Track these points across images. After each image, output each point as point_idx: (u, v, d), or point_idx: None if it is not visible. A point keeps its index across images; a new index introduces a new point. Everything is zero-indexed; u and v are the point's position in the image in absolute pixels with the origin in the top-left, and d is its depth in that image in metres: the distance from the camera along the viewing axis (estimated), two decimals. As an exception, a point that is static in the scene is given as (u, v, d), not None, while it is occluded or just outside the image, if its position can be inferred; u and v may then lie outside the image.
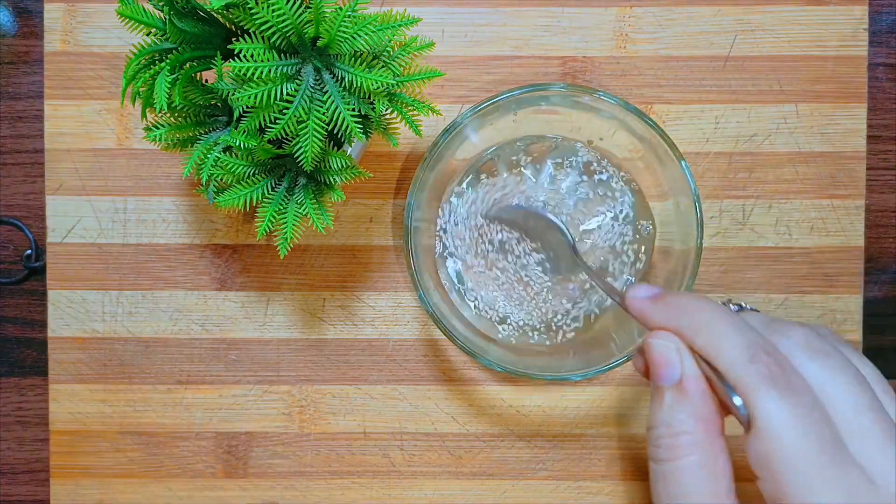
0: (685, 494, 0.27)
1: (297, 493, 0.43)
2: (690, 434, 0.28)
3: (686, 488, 0.27)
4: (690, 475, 0.27)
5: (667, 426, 0.28)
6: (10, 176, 0.44)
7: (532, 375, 0.37)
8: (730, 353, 0.27)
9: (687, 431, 0.28)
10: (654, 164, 0.39)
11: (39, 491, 0.44)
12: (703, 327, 0.28)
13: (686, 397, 0.28)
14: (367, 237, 0.43)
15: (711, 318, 0.28)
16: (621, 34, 0.43)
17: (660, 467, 0.28)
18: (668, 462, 0.28)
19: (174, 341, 0.43)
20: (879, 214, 0.44)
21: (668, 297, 0.30)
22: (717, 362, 0.27)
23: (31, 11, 0.44)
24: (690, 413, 0.28)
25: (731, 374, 0.27)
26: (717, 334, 0.28)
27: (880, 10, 0.44)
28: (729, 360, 0.27)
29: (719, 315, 0.28)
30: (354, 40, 0.32)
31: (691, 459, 0.27)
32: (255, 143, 0.33)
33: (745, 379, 0.26)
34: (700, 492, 0.27)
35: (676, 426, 0.28)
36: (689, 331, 0.28)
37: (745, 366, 0.26)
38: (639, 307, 0.30)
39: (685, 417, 0.28)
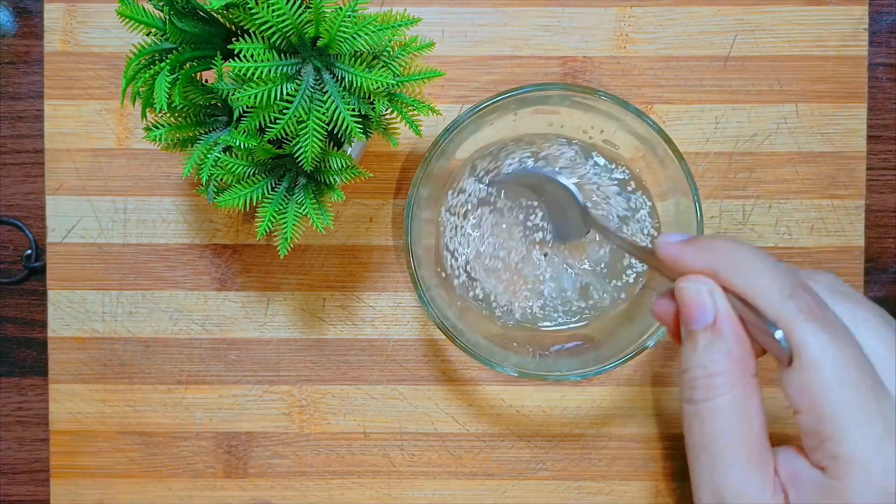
0: (719, 432, 0.28)
1: (297, 493, 0.43)
2: (725, 374, 0.28)
3: (720, 426, 0.28)
4: (725, 414, 0.28)
5: (702, 367, 0.28)
6: (10, 176, 0.44)
7: (532, 375, 0.37)
8: (769, 289, 0.27)
9: (722, 372, 0.28)
10: (654, 164, 0.39)
11: (39, 491, 0.44)
12: (740, 267, 0.28)
13: (720, 338, 0.28)
14: (367, 237, 0.43)
15: (748, 258, 0.28)
16: (621, 34, 0.43)
17: (694, 407, 0.28)
18: (704, 402, 0.28)
19: (174, 341, 0.43)
20: (879, 214, 0.44)
21: (701, 239, 0.30)
22: (756, 300, 0.28)
23: (31, 11, 0.44)
24: (725, 353, 0.28)
25: (772, 309, 0.27)
26: (756, 272, 0.28)
27: (880, 10, 0.44)
28: (768, 297, 0.27)
29: (755, 254, 0.28)
30: (354, 40, 0.32)
31: (726, 399, 0.28)
32: (255, 143, 0.33)
33: (786, 313, 0.27)
34: (734, 430, 0.28)
35: (711, 367, 0.28)
36: (726, 271, 0.28)
37: (784, 301, 0.27)
38: (672, 252, 0.30)
39: (720, 357, 0.28)
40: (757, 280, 0.28)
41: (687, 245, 0.30)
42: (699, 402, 0.28)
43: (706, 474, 0.28)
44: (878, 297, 0.44)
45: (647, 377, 0.43)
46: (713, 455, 0.28)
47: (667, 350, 0.43)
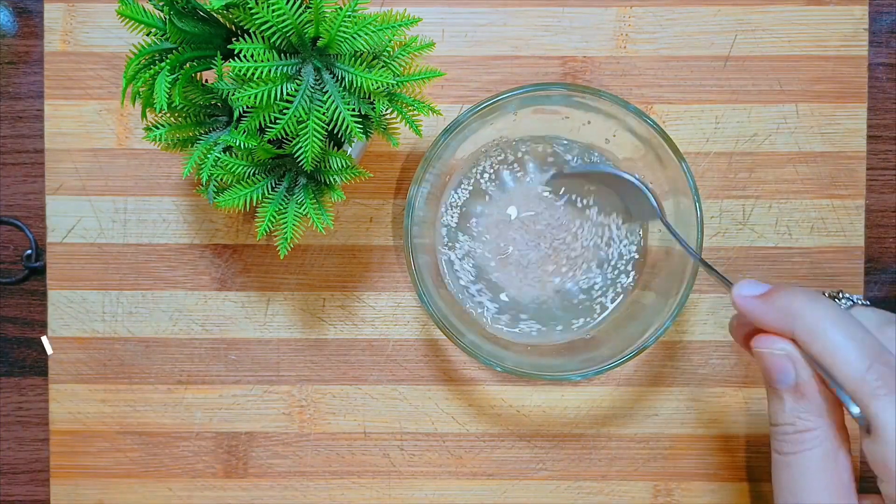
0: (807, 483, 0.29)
1: (297, 493, 0.43)
2: (814, 430, 0.29)
3: (810, 477, 0.29)
4: (814, 466, 0.29)
5: (791, 424, 0.30)
6: (10, 176, 0.44)
7: (532, 375, 0.37)
8: (846, 362, 0.28)
9: (811, 428, 0.29)
10: (655, 164, 0.39)
11: (39, 491, 0.44)
12: (817, 335, 0.28)
13: (804, 399, 0.29)
14: (367, 237, 0.43)
15: (826, 326, 0.28)
16: (621, 34, 0.43)
17: (785, 459, 0.30)
18: (794, 455, 0.30)
19: (174, 341, 0.43)
20: (879, 214, 0.44)
21: (777, 297, 0.30)
22: (833, 371, 0.28)
23: (31, 11, 0.44)
24: (812, 410, 0.29)
25: (848, 383, 0.28)
26: (833, 343, 0.28)
27: (880, 10, 0.44)
28: (845, 370, 0.28)
29: (833, 320, 0.29)
30: (354, 40, 0.32)
31: (815, 452, 0.29)
32: (255, 143, 0.33)
33: (863, 388, 0.27)
34: (822, 481, 0.29)
35: (800, 424, 0.29)
36: (803, 337, 0.29)
37: (862, 375, 0.27)
38: (749, 307, 0.31)
39: (808, 415, 0.29)
40: (836, 351, 0.28)
41: (764, 302, 0.30)
42: (789, 454, 0.30)
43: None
44: (878, 297, 0.44)
45: (647, 377, 0.43)
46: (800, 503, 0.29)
47: (667, 350, 0.43)
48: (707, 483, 0.43)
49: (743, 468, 0.43)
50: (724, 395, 0.43)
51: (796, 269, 0.43)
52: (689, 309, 0.43)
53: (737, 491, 0.43)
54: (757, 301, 0.30)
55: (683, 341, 0.43)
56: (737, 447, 0.43)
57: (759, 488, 0.43)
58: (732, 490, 0.43)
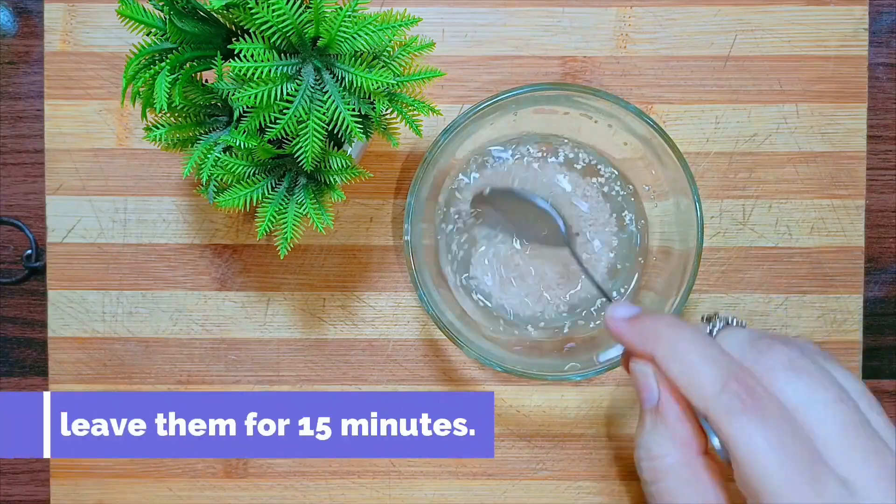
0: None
1: (297, 492, 0.43)
2: (667, 457, 0.29)
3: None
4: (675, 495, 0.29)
5: (646, 450, 0.29)
6: (10, 176, 0.44)
7: (532, 375, 0.37)
8: (700, 384, 0.28)
9: (663, 455, 0.29)
10: (655, 164, 0.39)
11: (39, 491, 0.44)
12: (675, 358, 0.29)
13: (663, 421, 0.29)
14: (367, 237, 0.43)
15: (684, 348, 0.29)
16: (621, 34, 0.43)
17: (646, 488, 0.30)
18: (653, 483, 0.29)
19: (174, 341, 0.43)
20: (879, 214, 0.44)
21: (643, 321, 0.31)
22: (689, 392, 0.28)
23: (31, 11, 0.44)
24: (667, 436, 0.29)
25: (703, 403, 0.27)
26: (688, 365, 0.28)
27: (880, 10, 0.44)
28: (699, 393, 0.28)
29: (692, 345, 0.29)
30: (354, 40, 0.32)
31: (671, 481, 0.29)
32: (255, 143, 0.33)
33: (716, 410, 0.27)
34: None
35: (654, 450, 0.29)
36: (663, 359, 0.29)
37: (715, 396, 0.27)
38: (616, 329, 0.31)
39: (662, 440, 0.29)
40: (691, 373, 0.28)
41: (630, 324, 0.31)
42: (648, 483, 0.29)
43: None
44: (878, 297, 0.44)
45: (648, 377, 0.43)
46: None
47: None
48: (707, 483, 0.43)
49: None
50: (724, 395, 0.43)
51: (796, 269, 0.43)
52: (689, 309, 0.43)
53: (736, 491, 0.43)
54: (625, 324, 0.31)
55: (683, 341, 0.43)
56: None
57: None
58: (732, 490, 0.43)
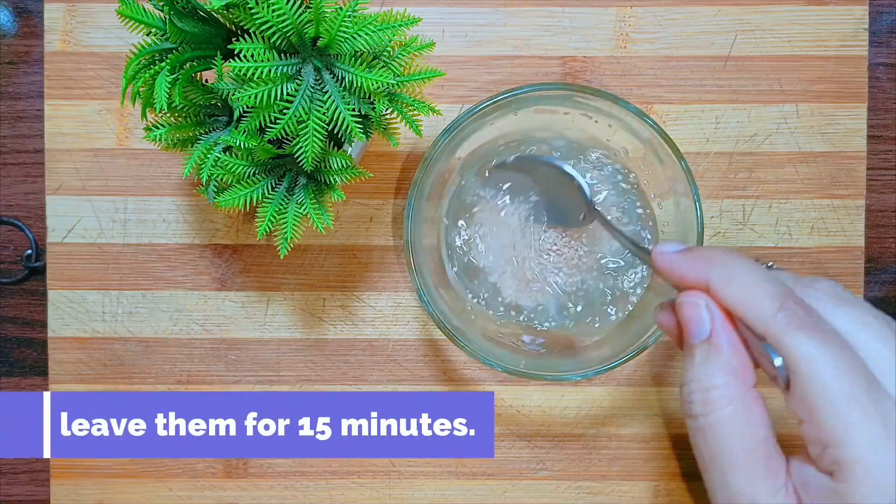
0: (724, 446, 0.28)
1: (297, 492, 0.43)
2: (722, 388, 0.28)
3: (724, 440, 0.28)
4: (726, 428, 0.28)
5: (697, 381, 0.28)
6: (10, 176, 0.44)
7: (532, 375, 0.37)
8: (760, 302, 0.28)
9: (717, 385, 0.28)
10: (655, 164, 0.39)
11: (39, 491, 0.44)
12: (732, 278, 0.28)
13: (716, 351, 0.28)
14: (367, 237, 0.43)
15: (740, 270, 0.29)
16: (621, 34, 0.43)
17: (696, 423, 0.29)
18: (703, 417, 0.28)
19: (174, 341, 0.43)
20: (880, 214, 0.44)
21: (695, 251, 0.30)
22: (747, 312, 0.28)
23: (31, 11, 0.44)
24: (720, 367, 0.28)
25: (762, 322, 0.27)
26: (747, 285, 0.28)
27: (880, 10, 0.44)
28: (759, 309, 0.27)
29: (748, 267, 0.29)
30: (355, 40, 0.32)
31: (725, 412, 0.28)
32: (256, 143, 0.33)
33: (776, 326, 0.27)
34: (738, 442, 0.28)
35: (706, 381, 0.28)
36: (719, 282, 0.29)
37: (774, 313, 0.27)
38: (668, 261, 0.31)
39: (715, 371, 0.28)
40: (747, 292, 0.28)
41: (681, 255, 0.30)
42: (699, 416, 0.29)
43: (718, 487, 0.28)
44: (878, 297, 0.44)
45: (647, 377, 0.43)
46: (721, 468, 0.28)
47: (667, 350, 0.43)
48: (707, 483, 0.43)
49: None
50: (724, 395, 0.43)
51: (796, 269, 0.43)
52: (689, 309, 0.43)
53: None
54: (676, 255, 0.31)
55: (683, 341, 0.43)
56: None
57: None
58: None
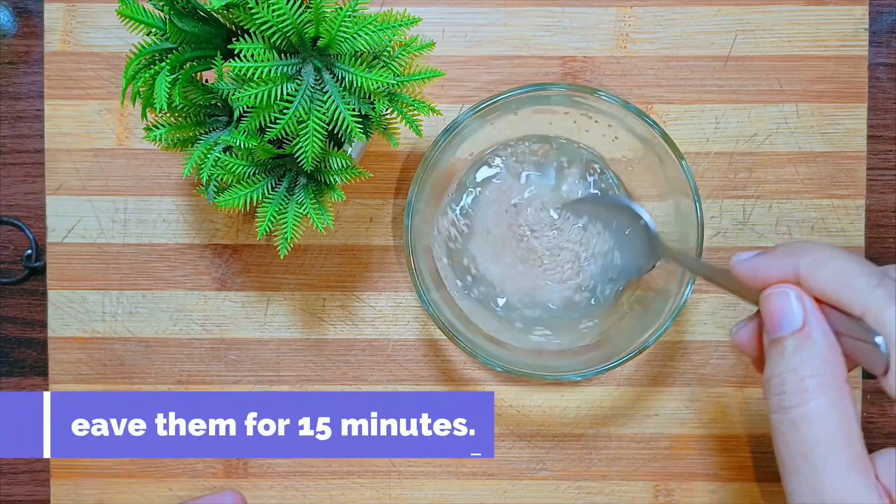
0: (818, 438, 0.26)
1: (297, 492, 0.43)
2: (819, 377, 0.27)
3: (819, 432, 0.26)
4: (823, 418, 0.26)
5: (792, 371, 0.27)
6: (10, 176, 0.44)
7: (532, 375, 0.37)
8: (856, 281, 0.27)
9: (814, 374, 0.27)
10: (655, 164, 0.39)
11: (39, 491, 0.44)
12: (824, 263, 0.28)
13: (810, 341, 0.27)
14: (367, 237, 0.43)
15: (830, 255, 0.28)
16: (621, 34, 0.43)
17: (786, 416, 0.27)
18: (797, 408, 0.27)
19: (174, 341, 0.43)
20: (880, 214, 0.44)
21: (775, 248, 0.30)
22: (842, 294, 0.27)
23: (31, 11, 0.44)
24: (816, 355, 0.27)
25: (860, 300, 0.26)
26: (840, 266, 0.27)
27: (880, 10, 0.44)
28: (856, 288, 0.27)
29: (837, 251, 0.28)
30: (355, 40, 0.32)
31: (822, 402, 0.26)
32: (256, 143, 0.33)
33: (877, 302, 0.26)
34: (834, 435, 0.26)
35: (802, 370, 0.27)
36: (810, 269, 0.28)
37: (873, 289, 0.26)
38: (751, 266, 0.29)
39: (810, 360, 0.27)
40: (842, 273, 0.27)
41: (763, 256, 0.29)
42: (791, 408, 0.27)
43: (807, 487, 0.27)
44: (879, 297, 0.44)
45: (647, 377, 0.43)
46: (814, 463, 0.26)
47: (667, 350, 0.43)
48: (707, 483, 0.43)
49: (743, 468, 0.43)
50: (725, 395, 0.43)
51: (796, 269, 0.43)
52: (689, 309, 0.43)
53: (737, 491, 0.43)
54: (758, 258, 0.30)
55: (683, 341, 0.43)
56: (737, 447, 0.43)
57: (760, 489, 0.43)
58: (733, 490, 0.43)
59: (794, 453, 0.27)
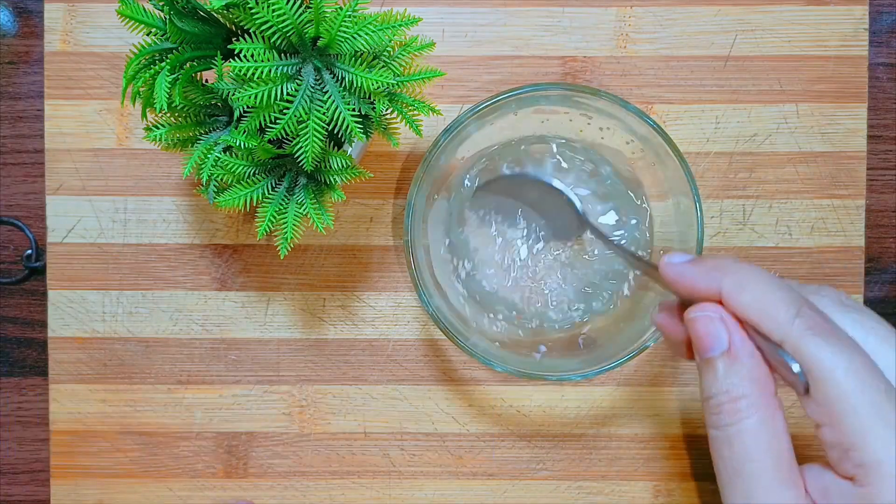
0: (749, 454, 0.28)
1: (297, 493, 0.43)
2: (749, 397, 0.28)
3: (750, 448, 0.28)
4: (753, 435, 0.28)
5: (725, 392, 0.29)
6: (10, 176, 0.44)
7: (532, 375, 0.37)
8: (776, 309, 0.28)
9: (745, 395, 0.28)
10: (655, 164, 0.39)
11: (39, 491, 0.44)
12: (746, 286, 0.29)
13: (738, 362, 0.29)
14: (367, 237, 0.43)
15: (754, 278, 0.29)
16: (621, 34, 0.43)
17: (722, 433, 0.29)
18: (731, 426, 0.28)
19: (174, 341, 0.43)
20: (880, 214, 0.44)
21: (706, 259, 0.31)
22: (762, 320, 0.28)
23: (31, 11, 0.44)
24: (745, 376, 0.29)
25: (779, 329, 0.28)
26: (761, 292, 0.28)
27: (880, 10, 0.44)
28: (775, 317, 0.28)
29: (761, 274, 0.29)
30: (355, 40, 0.32)
31: (753, 420, 0.28)
32: (256, 143, 0.33)
33: (795, 333, 0.27)
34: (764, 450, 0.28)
35: (734, 391, 0.28)
36: (732, 290, 0.29)
37: (791, 320, 0.27)
38: (678, 272, 0.31)
39: (740, 381, 0.29)
40: (762, 299, 0.28)
41: (692, 265, 0.30)
42: (726, 426, 0.29)
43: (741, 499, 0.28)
44: (878, 297, 0.44)
45: (647, 377, 0.43)
46: (745, 477, 0.28)
47: (667, 350, 0.43)
48: (707, 483, 0.43)
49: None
50: (725, 395, 0.43)
51: (796, 269, 0.43)
52: (690, 309, 0.43)
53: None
54: (685, 266, 0.31)
55: (683, 341, 0.43)
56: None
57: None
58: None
59: (729, 468, 0.28)
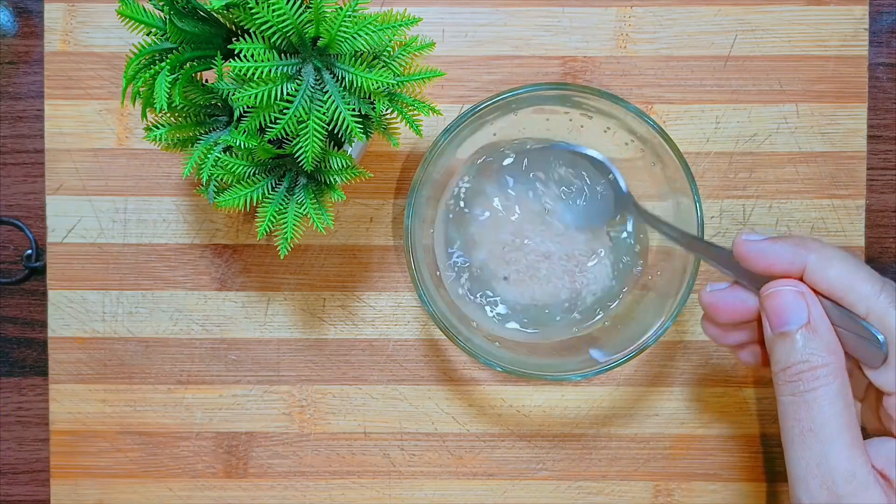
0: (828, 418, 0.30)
1: (297, 493, 0.43)
2: (829, 366, 0.30)
3: (829, 412, 0.30)
4: (832, 401, 0.30)
5: (805, 361, 0.30)
6: (10, 176, 0.44)
7: (532, 375, 0.37)
8: (861, 284, 0.30)
9: (826, 363, 0.30)
10: (655, 164, 0.39)
11: (39, 491, 0.44)
12: (832, 263, 0.31)
13: (817, 334, 0.30)
14: (367, 237, 0.43)
15: (837, 255, 0.31)
16: (621, 34, 0.43)
17: (801, 398, 0.30)
18: (810, 392, 0.30)
19: (174, 341, 0.43)
20: (880, 214, 0.44)
21: (786, 237, 0.32)
22: (848, 293, 0.30)
23: (31, 11, 0.44)
24: (824, 348, 0.30)
25: (865, 301, 0.30)
26: (847, 268, 0.30)
27: (880, 10, 0.44)
28: (861, 291, 0.30)
29: (842, 252, 0.31)
30: (355, 40, 0.32)
31: (832, 388, 0.30)
32: (256, 143, 0.33)
33: (880, 305, 0.29)
34: (841, 414, 0.30)
35: (814, 360, 0.30)
36: (818, 266, 0.31)
37: (877, 294, 0.29)
38: (759, 248, 0.32)
39: (820, 351, 0.30)
40: (850, 274, 0.30)
41: (773, 242, 0.32)
42: (804, 392, 0.30)
43: (814, 461, 0.30)
44: (879, 297, 0.44)
45: (647, 377, 0.43)
46: (823, 440, 0.30)
47: (667, 350, 0.43)
48: (707, 483, 0.43)
49: (743, 468, 0.43)
50: (724, 395, 0.43)
51: (796, 269, 0.43)
52: (689, 309, 0.43)
53: (737, 491, 0.43)
54: (766, 243, 0.32)
55: (683, 341, 0.43)
56: (737, 447, 0.43)
57: (760, 488, 0.43)
58: (733, 490, 0.43)
59: (805, 430, 0.30)
